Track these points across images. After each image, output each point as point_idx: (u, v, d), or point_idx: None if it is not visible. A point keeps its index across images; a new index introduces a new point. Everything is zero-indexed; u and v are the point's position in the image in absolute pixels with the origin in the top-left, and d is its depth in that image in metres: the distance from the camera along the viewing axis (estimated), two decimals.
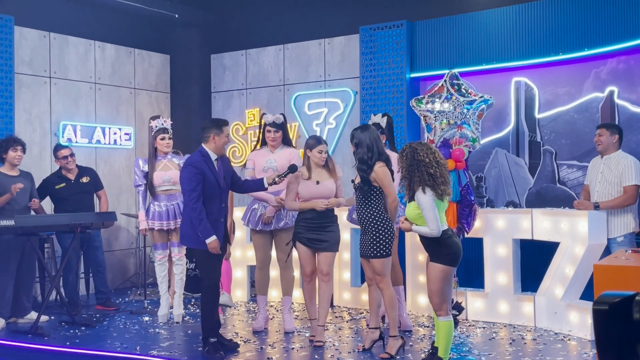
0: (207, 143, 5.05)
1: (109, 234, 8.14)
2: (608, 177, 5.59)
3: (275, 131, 5.72)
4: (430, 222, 4.29)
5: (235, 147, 8.81)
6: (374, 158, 4.86)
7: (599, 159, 5.76)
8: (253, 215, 5.77)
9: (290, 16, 8.58)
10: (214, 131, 5.03)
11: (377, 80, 7.61)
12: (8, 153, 6.22)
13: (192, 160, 5.01)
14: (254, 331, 5.74)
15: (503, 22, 7.01)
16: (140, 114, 8.58)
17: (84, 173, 6.99)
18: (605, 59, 6.50)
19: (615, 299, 1.53)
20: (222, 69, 9.05)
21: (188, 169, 4.94)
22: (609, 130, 5.65)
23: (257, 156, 5.79)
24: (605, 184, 5.60)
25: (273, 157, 5.72)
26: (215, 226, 4.97)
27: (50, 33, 7.71)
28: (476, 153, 6.76)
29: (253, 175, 5.73)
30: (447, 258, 4.34)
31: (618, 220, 5.53)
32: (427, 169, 4.29)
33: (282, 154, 5.74)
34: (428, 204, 4.28)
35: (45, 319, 6.18)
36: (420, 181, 4.30)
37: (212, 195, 4.97)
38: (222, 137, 5.05)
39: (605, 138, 5.62)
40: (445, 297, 4.36)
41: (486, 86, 6.92)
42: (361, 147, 4.89)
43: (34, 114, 7.55)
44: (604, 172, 5.62)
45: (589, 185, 5.82)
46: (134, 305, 6.92)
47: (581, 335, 5.29)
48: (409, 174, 4.36)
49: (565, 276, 5.52)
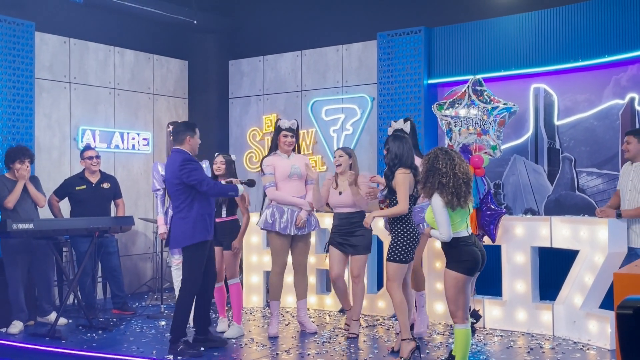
0: (182, 145, 5.22)
1: (126, 239, 8.19)
2: (637, 186, 5.44)
3: (292, 136, 5.81)
4: (440, 226, 4.34)
5: (252, 152, 8.82)
6: (397, 166, 4.96)
7: (629, 165, 5.60)
8: (279, 217, 5.68)
9: (308, 22, 8.60)
10: (188, 133, 5.24)
11: (395, 86, 7.60)
12: (15, 164, 6.23)
13: (185, 156, 5.16)
14: (269, 337, 5.74)
15: (521, 29, 6.97)
16: (159, 119, 8.64)
17: (106, 179, 7.04)
18: (626, 66, 6.43)
19: None
20: (239, 74, 9.08)
21: (191, 163, 5.10)
22: (637, 137, 5.50)
23: (278, 161, 5.75)
24: (634, 192, 5.45)
25: (294, 163, 5.79)
26: (205, 221, 5.13)
27: (70, 39, 7.78)
28: (494, 160, 6.72)
29: (273, 181, 5.72)
30: (461, 266, 4.31)
31: None
32: (441, 177, 4.34)
33: (297, 158, 5.84)
34: (438, 208, 4.33)
35: (63, 322, 6.22)
36: (432, 187, 4.37)
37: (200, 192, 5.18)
38: (196, 139, 5.30)
39: (634, 146, 5.49)
40: (460, 305, 4.31)
41: (505, 93, 6.88)
42: (390, 154, 5.05)
43: (54, 118, 7.62)
44: (633, 179, 5.48)
45: (620, 190, 5.67)
46: (151, 310, 6.94)
47: (600, 345, 5.21)
48: (424, 178, 4.43)
49: (585, 285, 5.46)
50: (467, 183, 4.40)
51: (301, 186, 5.80)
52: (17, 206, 6.19)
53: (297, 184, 5.76)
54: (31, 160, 6.33)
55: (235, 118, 9.08)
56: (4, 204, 6.13)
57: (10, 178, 6.26)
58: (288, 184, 5.73)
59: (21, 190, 6.19)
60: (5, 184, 6.22)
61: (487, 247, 6.07)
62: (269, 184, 5.73)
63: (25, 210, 6.24)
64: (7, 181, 6.24)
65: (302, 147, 8.46)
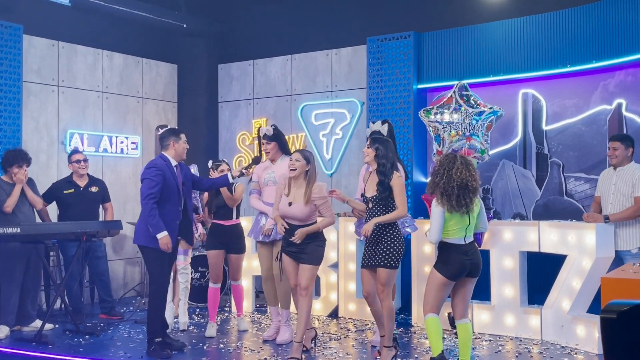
0: (167, 150, 5.35)
1: (114, 243, 8.14)
2: (622, 189, 5.49)
3: (267, 143, 5.84)
4: (430, 229, 4.53)
5: (242, 157, 8.81)
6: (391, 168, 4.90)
7: (611, 170, 5.67)
8: (256, 226, 5.86)
9: (298, 27, 8.61)
10: (172, 139, 5.35)
11: (384, 91, 7.61)
12: (12, 168, 6.20)
13: (155, 162, 5.29)
14: (264, 340, 5.73)
15: (510, 34, 7.00)
16: (148, 123, 8.60)
17: (94, 183, 7.00)
18: (613, 72, 6.47)
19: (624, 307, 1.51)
20: (229, 78, 9.07)
21: (151, 170, 5.22)
22: (624, 143, 5.55)
23: (260, 169, 5.92)
24: (619, 195, 5.51)
25: (272, 169, 5.82)
26: (171, 227, 5.22)
27: (58, 42, 7.75)
28: (483, 165, 6.74)
29: (259, 189, 5.88)
30: (445, 268, 4.51)
31: (633, 231, 5.43)
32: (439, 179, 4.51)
33: (282, 164, 5.78)
34: (433, 209, 4.53)
35: (49, 327, 6.17)
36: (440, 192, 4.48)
37: (170, 197, 5.25)
38: (181, 144, 5.37)
39: (621, 152, 5.53)
40: (430, 300, 4.53)
41: (493, 98, 6.90)
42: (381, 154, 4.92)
43: (42, 122, 7.58)
44: (617, 183, 5.53)
45: (599, 197, 5.75)
46: (139, 315, 6.90)
47: (588, 349, 5.23)
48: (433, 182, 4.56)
49: (573, 289, 5.47)
50: (460, 187, 4.42)
51: None
52: (16, 209, 6.16)
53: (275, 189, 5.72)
54: (28, 165, 6.32)
55: (224, 122, 9.07)
56: (3, 208, 6.09)
57: (7, 181, 6.23)
58: (267, 190, 5.80)
59: (19, 194, 6.16)
60: (3, 187, 6.18)
61: None
62: (253, 191, 5.90)
63: (24, 214, 6.22)
64: (5, 184, 6.21)
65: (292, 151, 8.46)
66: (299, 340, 5.04)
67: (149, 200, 5.14)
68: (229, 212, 6.00)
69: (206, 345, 5.64)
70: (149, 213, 5.13)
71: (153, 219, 5.13)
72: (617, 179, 5.55)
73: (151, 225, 5.14)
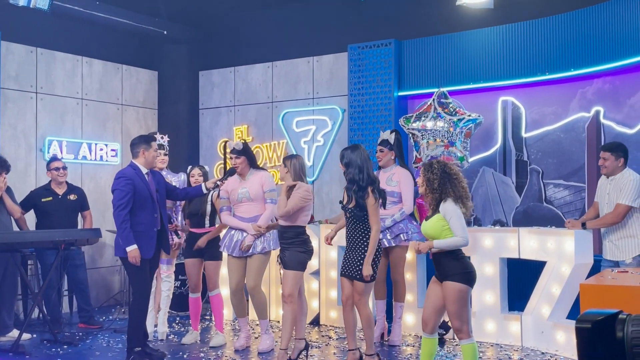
0: (137, 158, 5.30)
1: (93, 251, 8.06)
2: (614, 198, 5.43)
3: (236, 157, 5.66)
4: (462, 230, 4.18)
5: (222, 165, 8.77)
6: (365, 180, 4.78)
7: (604, 179, 5.60)
8: (229, 240, 5.67)
9: (279, 34, 8.61)
10: (142, 146, 5.29)
11: (365, 98, 7.62)
12: None
13: (124, 172, 5.23)
14: (235, 350, 5.68)
15: (490, 42, 7.06)
16: (128, 130, 8.54)
17: (73, 191, 6.93)
18: (591, 79, 6.54)
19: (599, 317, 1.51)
20: (210, 85, 9.04)
21: (120, 180, 5.16)
22: (614, 154, 5.44)
23: (230, 185, 5.72)
24: (611, 205, 5.44)
25: (245, 185, 5.65)
26: (149, 234, 5.17)
27: (37, 48, 7.68)
28: (463, 172, 6.73)
29: (229, 205, 5.75)
30: (466, 277, 4.19)
31: (629, 242, 5.39)
32: (460, 182, 4.28)
33: (253, 179, 5.66)
34: (458, 212, 4.21)
35: (27, 337, 6.08)
36: (455, 193, 4.23)
37: (144, 205, 5.17)
38: (151, 152, 5.30)
39: (610, 162, 5.45)
40: (465, 319, 4.20)
41: (473, 105, 6.95)
42: (352, 167, 4.83)
43: (20, 129, 7.50)
44: (610, 193, 5.48)
45: (597, 202, 5.68)
46: (118, 324, 6.83)
47: (568, 355, 5.26)
48: (440, 186, 4.25)
49: (552, 295, 5.51)
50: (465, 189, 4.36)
51: (256, 207, 5.62)
52: None
53: (251, 205, 5.62)
54: (7, 172, 6.23)
55: (205, 129, 9.03)
56: None
57: None
58: (241, 207, 5.66)
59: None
60: None
61: None
62: (224, 207, 5.75)
63: (2, 222, 6.14)
64: None
65: (273, 158, 8.46)
66: (284, 348, 5.03)
67: (121, 211, 5.06)
68: (202, 220, 5.94)
69: (186, 354, 5.59)
70: (120, 225, 5.06)
71: (123, 232, 5.05)
72: (610, 188, 5.50)
73: (121, 238, 5.07)
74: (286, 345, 5.04)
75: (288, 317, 5.02)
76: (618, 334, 1.49)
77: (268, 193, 5.63)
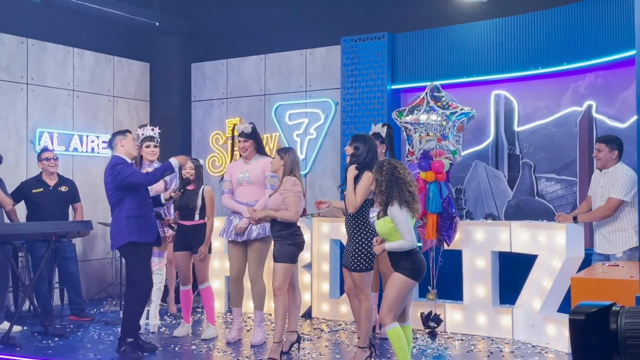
0: (117, 151, 5.29)
1: (84, 244, 8.03)
2: (606, 192, 5.45)
3: (245, 141, 5.73)
4: (408, 234, 4.35)
5: (215, 156, 8.75)
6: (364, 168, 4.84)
7: (598, 172, 5.62)
8: (228, 225, 5.77)
9: (272, 26, 8.57)
10: (118, 137, 5.31)
11: (358, 91, 7.61)
12: None
13: (116, 160, 5.22)
14: (227, 342, 5.68)
15: (483, 36, 7.05)
16: (119, 122, 8.50)
17: (64, 183, 6.90)
18: (584, 74, 6.55)
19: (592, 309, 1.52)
20: (202, 78, 9.00)
21: (118, 165, 5.15)
22: (609, 146, 5.47)
23: (233, 168, 5.85)
24: (604, 198, 5.46)
25: (247, 169, 5.75)
26: (148, 217, 5.25)
27: (28, 39, 7.62)
28: (456, 165, 6.77)
29: (231, 188, 5.79)
30: (412, 271, 4.38)
31: (620, 236, 5.42)
32: (407, 186, 4.39)
33: (256, 164, 5.74)
34: (405, 216, 4.36)
35: (18, 330, 6.05)
36: (401, 198, 4.36)
37: (139, 190, 5.23)
38: (129, 140, 5.31)
39: (604, 154, 5.47)
40: (394, 308, 4.37)
41: (466, 99, 6.94)
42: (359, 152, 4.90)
43: (10, 120, 7.44)
44: (603, 186, 5.50)
45: (591, 196, 5.71)
46: (109, 316, 6.81)
47: (559, 348, 5.29)
48: (387, 189, 4.39)
49: (543, 289, 5.53)
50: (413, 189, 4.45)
51: (256, 191, 5.71)
52: None
53: (251, 189, 5.69)
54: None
55: (197, 121, 9.00)
56: None
57: None
58: (241, 190, 5.74)
59: None
60: None
61: (448, 252, 6.14)
62: (225, 190, 5.82)
63: None
64: None
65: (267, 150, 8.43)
66: (277, 341, 5.03)
67: (137, 174, 5.14)
68: (192, 213, 5.91)
69: (178, 346, 5.59)
70: (146, 177, 5.16)
71: (156, 172, 5.20)
72: (603, 181, 5.52)
73: (158, 173, 5.18)
74: (280, 339, 5.04)
75: (279, 310, 5.02)
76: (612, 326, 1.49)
77: (269, 179, 5.68)
